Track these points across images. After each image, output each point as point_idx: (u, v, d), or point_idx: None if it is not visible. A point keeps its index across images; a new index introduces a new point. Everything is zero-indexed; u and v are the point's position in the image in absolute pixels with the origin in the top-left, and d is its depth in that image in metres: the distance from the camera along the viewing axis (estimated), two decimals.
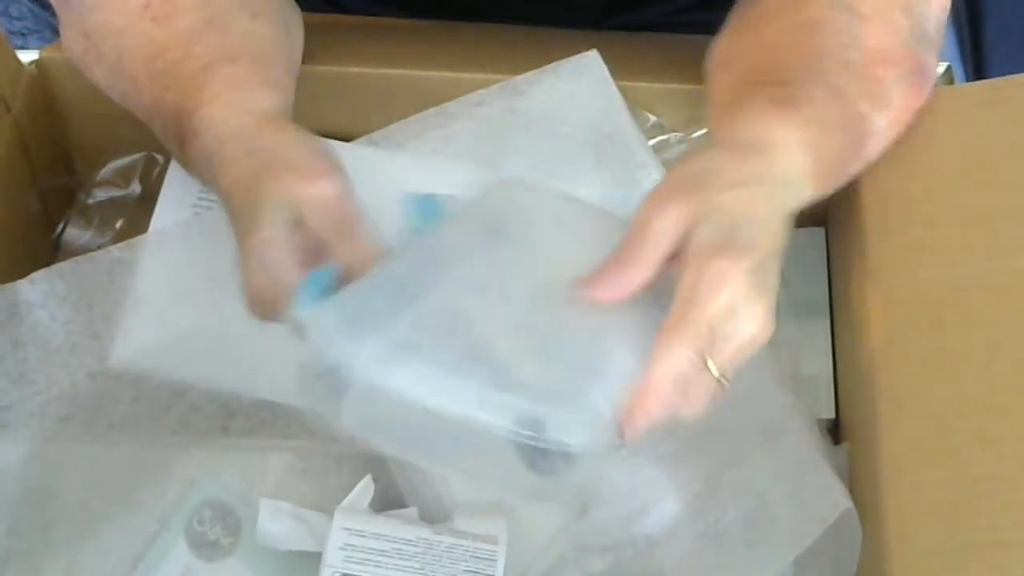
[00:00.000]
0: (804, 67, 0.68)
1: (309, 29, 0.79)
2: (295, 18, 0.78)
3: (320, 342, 0.55)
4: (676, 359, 0.56)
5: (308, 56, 0.78)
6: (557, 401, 0.56)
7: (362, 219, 0.61)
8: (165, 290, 0.72)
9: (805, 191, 0.65)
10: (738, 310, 0.57)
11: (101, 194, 0.85)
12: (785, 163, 0.63)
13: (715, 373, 0.58)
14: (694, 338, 0.57)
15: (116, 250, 0.74)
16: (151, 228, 0.78)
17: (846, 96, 0.68)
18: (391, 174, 0.73)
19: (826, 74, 0.68)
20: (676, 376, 0.57)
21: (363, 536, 0.66)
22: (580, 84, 0.74)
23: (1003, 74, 0.75)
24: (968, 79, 1.13)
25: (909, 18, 0.70)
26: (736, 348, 0.58)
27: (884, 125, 0.70)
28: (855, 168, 0.71)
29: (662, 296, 0.58)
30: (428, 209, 0.61)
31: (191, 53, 0.69)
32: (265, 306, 0.60)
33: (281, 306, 0.58)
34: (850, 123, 0.68)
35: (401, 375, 0.54)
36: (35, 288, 0.72)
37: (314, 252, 0.60)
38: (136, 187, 0.85)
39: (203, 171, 0.67)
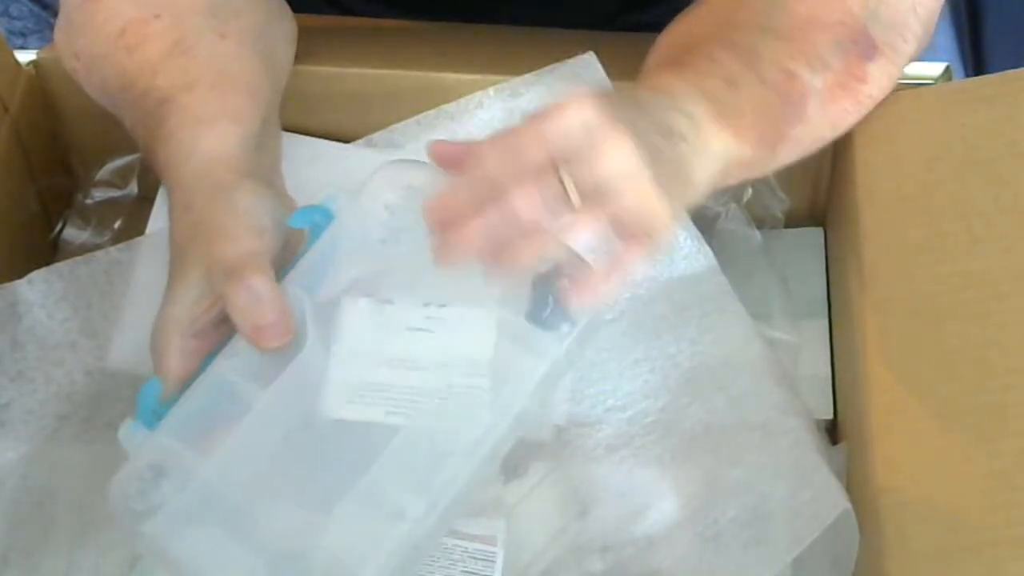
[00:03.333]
0: (711, 35, 0.68)
1: (309, 30, 0.79)
2: (282, 30, 0.77)
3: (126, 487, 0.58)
4: (483, 163, 0.56)
5: (308, 56, 0.78)
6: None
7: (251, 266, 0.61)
8: (162, 290, 0.72)
9: (709, 132, 0.64)
10: (583, 132, 0.55)
11: (99, 194, 0.85)
12: (668, 100, 0.63)
13: (549, 194, 0.55)
14: (510, 147, 0.55)
15: (114, 250, 0.74)
16: (149, 228, 0.78)
17: (762, 54, 0.67)
18: None
19: (735, 36, 0.68)
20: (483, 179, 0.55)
21: None
22: (577, 85, 0.74)
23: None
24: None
25: None
26: (584, 170, 0.56)
27: (822, 86, 0.69)
28: (798, 130, 0.69)
29: None
30: (314, 217, 0.61)
31: (154, 85, 0.69)
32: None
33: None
34: (774, 79, 0.67)
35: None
36: (33, 288, 0.72)
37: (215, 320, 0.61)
38: (134, 187, 0.85)
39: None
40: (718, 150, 0.64)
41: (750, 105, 0.66)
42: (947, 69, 0.79)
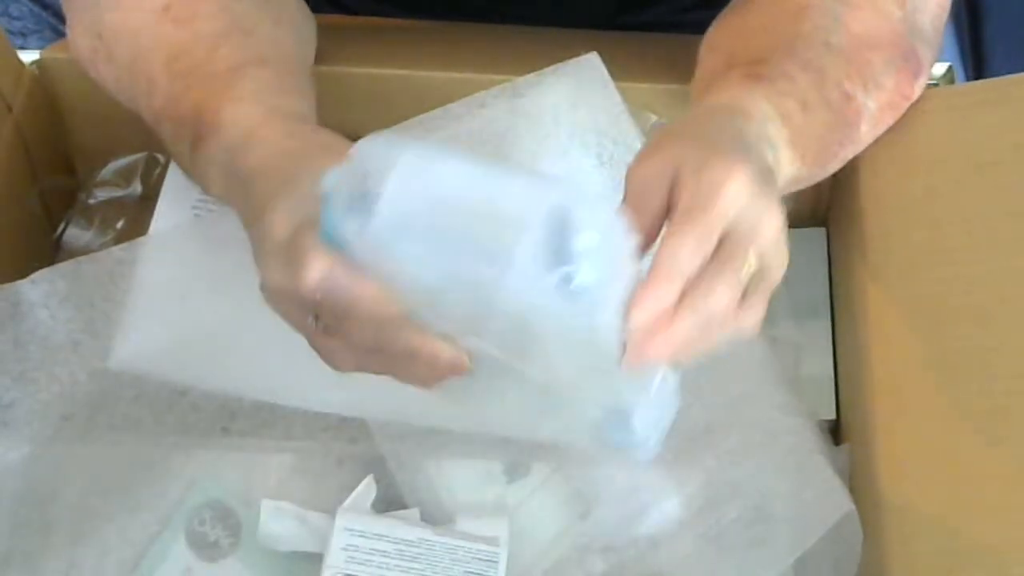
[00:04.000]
0: (782, 47, 0.68)
1: None
2: (309, 26, 0.78)
3: (362, 153, 0.53)
4: (679, 255, 0.52)
5: None
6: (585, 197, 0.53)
7: None
8: (166, 291, 0.72)
9: (786, 157, 0.64)
10: (749, 207, 0.54)
11: (102, 194, 0.85)
12: (758, 126, 0.62)
13: (742, 280, 0.53)
14: (701, 233, 0.53)
15: (117, 250, 0.74)
16: (152, 228, 0.78)
17: (827, 74, 0.68)
18: None
19: (805, 54, 0.68)
20: (680, 272, 0.52)
21: (365, 537, 0.66)
22: (581, 86, 0.74)
23: (1003, 74, 0.75)
24: (968, 79, 1.13)
25: (901, 9, 0.71)
26: (754, 242, 0.54)
27: (875, 107, 0.70)
28: (848, 150, 0.71)
29: None
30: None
31: (217, 55, 0.69)
32: (292, 262, 0.56)
33: (301, 244, 0.55)
34: (834, 101, 0.68)
35: (444, 165, 0.53)
36: (36, 288, 0.72)
37: None
38: (137, 187, 0.85)
39: (219, 166, 0.66)
40: (788, 175, 0.64)
41: (816, 129, 0.67)
42: (949, 69, 0.79)
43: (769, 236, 0.54)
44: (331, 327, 0.56)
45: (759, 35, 0.71)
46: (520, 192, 0.53)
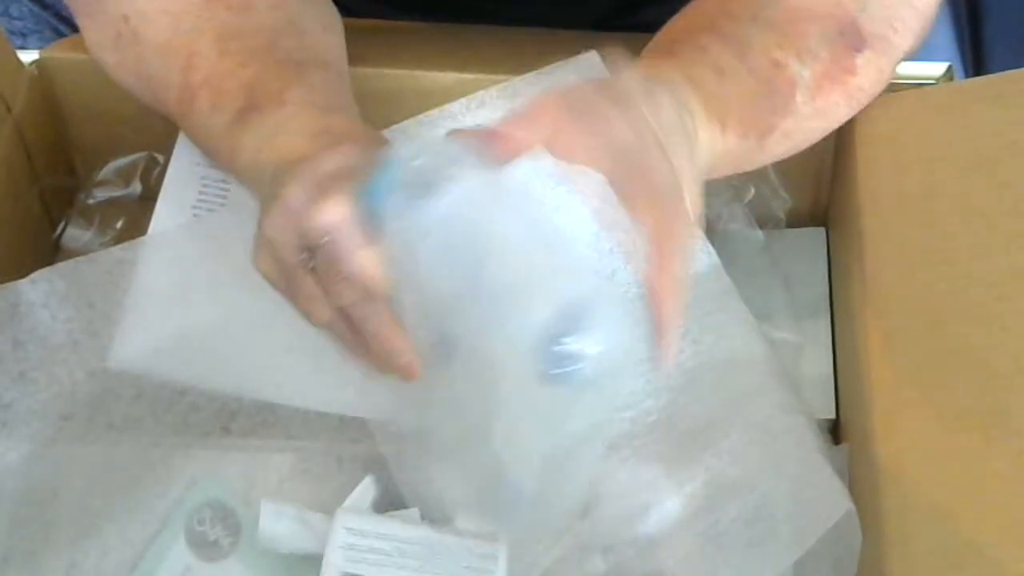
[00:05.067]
0: (702, 25, 0.69)
1: None
2: (343, 37, 0.79)
3: (446, 144, 0.55)
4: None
5: None
6: (607, 298, 0.56)
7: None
8: (166, 291, 0.72)
9: (701, 123, 0.65)
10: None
11: (102, 194, 0.85)
12: (666, 95, 0.63)
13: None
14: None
15: (117, 250, 0.74)
16: (151, 228, 0.77)
17: (751, 44, 0.68)
18: None
19: (726, 28, 0.68)
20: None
21: (364, 536, 0.66)
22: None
23: None
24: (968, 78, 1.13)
25: None
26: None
27: (810, 76, 0.69)
28: (787, 121, 0.70)
29: None
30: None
31: (278, 46, 0.70)
32: (319, 195, 0.57)
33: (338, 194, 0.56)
34: (761, 68, 0.68)
35: (507, 209, 0.55)
36: (36, 288, 0.72)
37: None
38: (137, 187, 0.85)
39: (258, 142, 0.66)
40: (704, 140, 0.65)
41: (737, 95, 0.67)
42: (949, 69, 0.80)
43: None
44: (319, 270, 0.57)
45: (685, 17, 0.71)
46: (551, 270, 0.55)
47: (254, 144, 0.66)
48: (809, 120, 0.71)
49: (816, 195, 0.82)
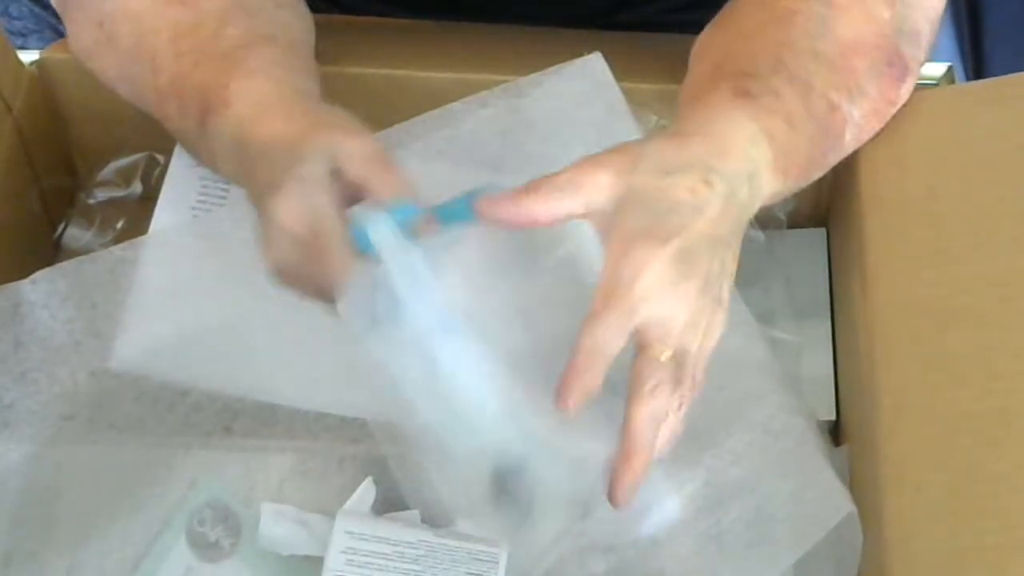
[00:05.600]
0: (771, 58, 0.68)
1: None
2: (307, 13, 0.78)
3: (398, 273, 0.56)
4: (600, 340, 0.56)
5: None
6: (549, 461, 0.57)
7: (396, 162, 0.62)
8: (166, 291, 0.72)
9: (766, 180, 0.64)
10: (664, 295, 0.57)
11: (102, 194, 0.85)
12: (739, 153, 0.63)
13: (662, 358, 0.57)
14: (619, 320, 0.56)
15: (118, 250, 0.74)
16: (151, 228, 0.78)
17: (814, 86, 0.68)
18: None
19: (793, 65, 0.68)
20: (602, 355, 0.56)
21: (364, 539, 0.66)
22: (583, 86, 0.74)
23: (1003, 74, 0.75)
24: (968, 79, 1.13)
25: (890, 9, 0.70)
26: (667, 334, 0.58)
27: (859, 115, 0.70)
28: (832, 157, 0.71)
29: None
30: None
31: (223, 33, 0.70)
32: (296, 244, 0.60)
33: (323, 239, 0.59)
34: (820, 113, 0.68)
35: (450, 347, 0.55)
36: (37, 288, 0.72)
37: (349, 202, 0.61)
38: (137, 187, 0.85)
39: (227, 141, 0.66)
40: (767, 193, 0.65)
41: (803, 144, 0.67)
42: (949, 69, 0.79)
43: (679, 323, 0.58)
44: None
45: (745, 42, 0.70)
46: (506, 418, 0.57)
47: (220, 147, 0.67)
48: (849, 151, 0.72)
49: (817, 196, 0.82)
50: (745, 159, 0.63)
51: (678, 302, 0.57)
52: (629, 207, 0.58)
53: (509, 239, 0.60)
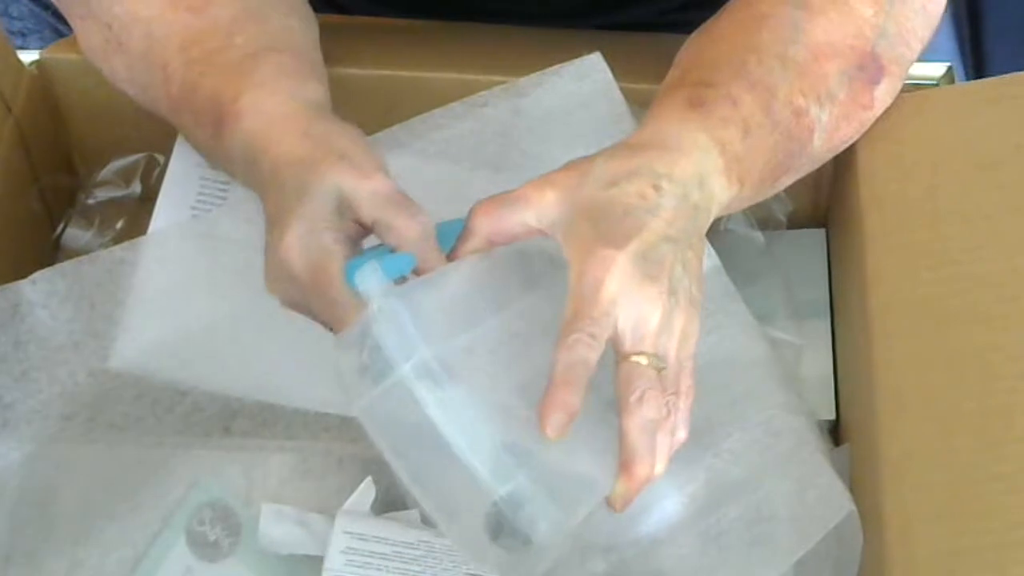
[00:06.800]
0: (734, 65, 0.68)
1: None
2: (314, 20, 0.78)
3: (382, 328, 0.56)
4: (574, 352, 0.56)
5: None
6: (547, 493, 0.56)
7: (412, 202, 0.61)
8: (166, 291, 0.72)
9: (719, 186, 0.64)
10: (631, 296, 0.57)
11: (102, 194, 0.85)
12: (687, 160, 0.63)
13: (643, 362, 0.57)
14: (590, 328, 0.56)
15: (118, 250, 0.74)
16: (151, 228, 0.78)
17: (777, 93, 0.67)
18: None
19: (756, 71, 0.67)
20: (579, 368, 0.56)
21: (364, 539, 0.66)
22: (583, 86, 0.74)
23: (1003, 74, 0.75)
24: (968, 79, 1.13)
25: (874, 6, 0.70)
26: (642, 336, 0.57)
27: (828, 119, 0.69)
28: (802, 163, 0.70)
29: None
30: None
31: (232, 43, 0.69)
32: (298, 281, 0.60)
33: (324, 280, 0.59)
34: (783, 120, 0.67)
35: (437, 396, 0.55)
36: (36, 288, 0.72)
37: (355, 242, 0.61)
38: (137, 187, 0.85)
39: (239, 156, 0.66)
40: (723, 199, 0.65)
41: (760, 150, 0.66)
42: (949, 69, 0.79)
43: (652, 324, 0.58)
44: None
45: (713, 48, 0.70)
46: (493, 464, 0.56)
47: (239, 155, 0.66)
48: (821, 156, 0.71)
49: (816, 197, 0.82)
50: (694, 164, 0.63)
51: (647, 302, 0.57)
52: (583, 219, 0.59)
53: (503, 266, 0.60)
